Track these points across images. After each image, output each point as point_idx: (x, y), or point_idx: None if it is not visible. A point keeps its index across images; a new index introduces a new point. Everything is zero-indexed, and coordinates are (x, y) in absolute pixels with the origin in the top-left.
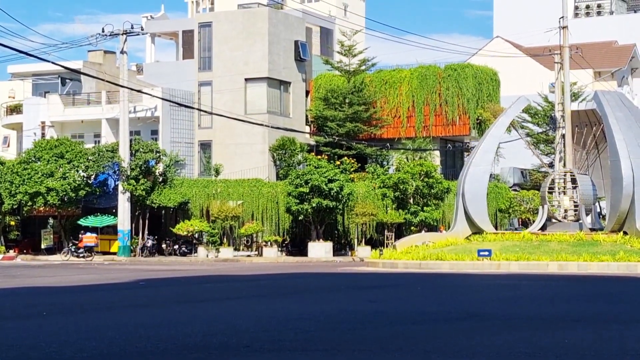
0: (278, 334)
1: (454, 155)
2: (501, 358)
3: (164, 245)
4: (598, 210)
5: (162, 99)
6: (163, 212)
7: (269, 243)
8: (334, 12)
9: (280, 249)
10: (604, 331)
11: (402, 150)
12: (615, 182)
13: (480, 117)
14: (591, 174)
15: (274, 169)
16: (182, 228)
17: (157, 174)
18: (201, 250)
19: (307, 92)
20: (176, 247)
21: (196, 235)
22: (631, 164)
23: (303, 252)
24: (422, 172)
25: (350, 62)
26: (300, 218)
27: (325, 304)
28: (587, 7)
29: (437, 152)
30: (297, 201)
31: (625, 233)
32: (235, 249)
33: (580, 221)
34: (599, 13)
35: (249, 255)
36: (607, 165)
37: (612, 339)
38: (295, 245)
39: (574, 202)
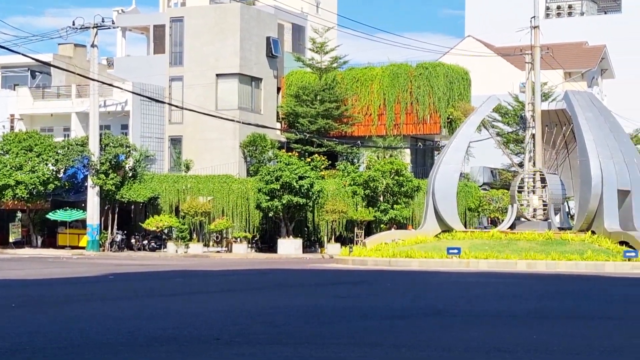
0: (248, 327)
1: (425, 154)
2: (470, 352)
3: (133, 240)
4: (567, 209)
5: (133, 92)
6: (132, 207)
7: (238, 239)
8: (306, 9)
9: (249, 245)
10: (572, 328)
11: (372, 148)
12: (584, 181)
13: (451, 116)
14: (560, 173)
15: (245, 165)
16: (152, 223)
17: (126, 168)
18: (170, 245)
19: (279, 89)
20: (145, 242)
21: (165, 231)
22: (600, 164)
23: (273, 248)
24: (393, 170)
25: (322, 59)
26: (270, 215)
27: (295, 299)
28: (558, 7)
29: (408, 151)
30: (268, 198)
31: (593, 232)
32: (205, 245)
33: (549, 220)
34: (569, 14)
35: (218, 252)
36: (576, 165)
37: (579, 336)
38: (265, 241)
39: (543, 201)
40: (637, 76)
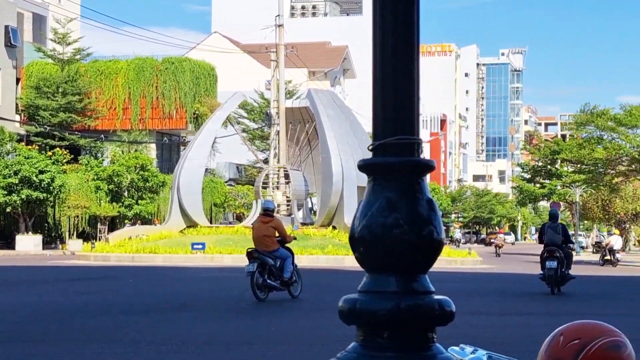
0: None
1: (170, 149)
2: (208, 346)
3: None
4: (310, 205)
5: None
6: None
7: None
8: None
9: None
10: (304, 320)
11: (117, 143)
12: (325, 178)
13: (197, 112)
14: (304, 170)
15: None
16: None
17: None
18: None
19: (18, 80)
20: None
21: None
22: (341, 161)
23: (10, 245)
24: (138, 165)
25: (64, 51)
26: (7, 210)
27: (34, 296)
28: (303, 7)
29: (154, 145)
30: (5, 192)
31: (334, 227)
32: None
33: (292, 216)
34: (314, 14)
35: None
36: (319, 161)
37: (316, 327)
38: (3, 238)
39: (287, 197)
40: None
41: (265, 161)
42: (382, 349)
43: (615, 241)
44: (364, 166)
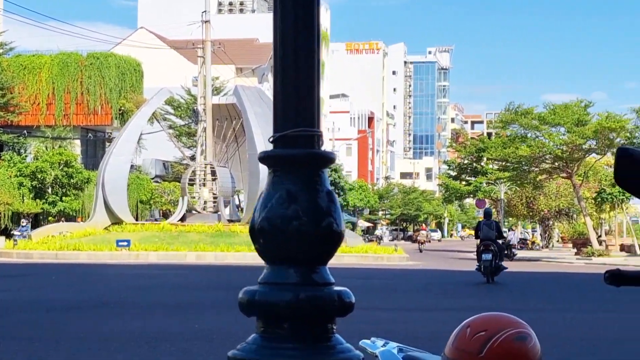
0: None
1: (96, 145)
2: (131, 343)
3: None
4: (237, 202)
5: None
6: None
7: None
8: None
9: None
10: (228, 316)
11: (41, 138)
12: (252, 175)
13: (122, 108)
14: (230, 166)
15: None
16: None
17: None
18: None
19: None
20: None
21: None
22: None
23: None
24: (62, 162)
25: None
26: None
27: None
28: (231, 4)
29: (78, 142)
30: None
31: None
32: None
33: (219, 212)
34: (241, 10)
35: None
36: (245, 158)
37: (239, 323)
38: None
39: (214, 194)
40: None
41: (192, 158)
42: (282, 340)
43: (513, 236)
44: (264, 158)
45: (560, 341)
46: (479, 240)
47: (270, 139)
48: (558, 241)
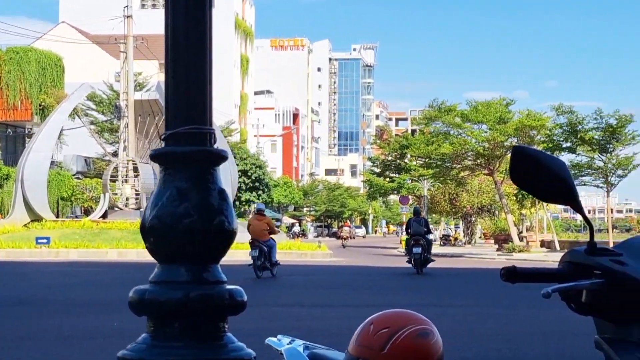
0: None
1: (15, 141)
2: (47, 341)
3: None
4: None
5: None
6: None
7: None
8: None
9: None
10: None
11: None
12: None
13: (43, 103)
14: (153, 163)
15: None
16: None
17: None
18: None
19: None
20: None
21: None
22: None
23: None
24: None
25: None
26: None
27: None
28: None
29: None
30: None
31: None
32: None
33: (141, 209)
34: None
35: None
36: None
37: None
38: None
39: (136, 190)
40: None
41: (114, 154)
42: (172, 339)
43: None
44: (155, 156)
45: (479, 336)
46: (409, 236)
47: (162, 137)
48: (480, 237)
